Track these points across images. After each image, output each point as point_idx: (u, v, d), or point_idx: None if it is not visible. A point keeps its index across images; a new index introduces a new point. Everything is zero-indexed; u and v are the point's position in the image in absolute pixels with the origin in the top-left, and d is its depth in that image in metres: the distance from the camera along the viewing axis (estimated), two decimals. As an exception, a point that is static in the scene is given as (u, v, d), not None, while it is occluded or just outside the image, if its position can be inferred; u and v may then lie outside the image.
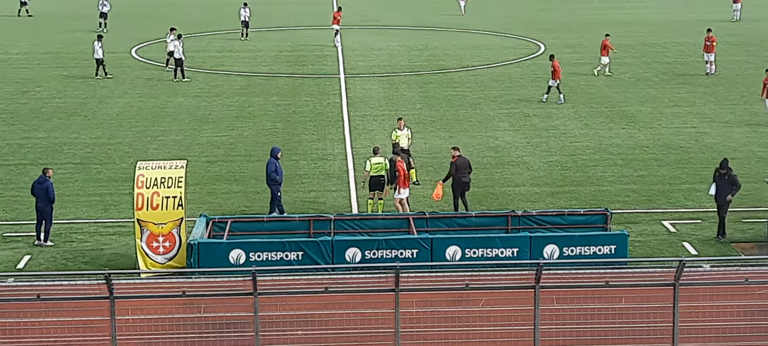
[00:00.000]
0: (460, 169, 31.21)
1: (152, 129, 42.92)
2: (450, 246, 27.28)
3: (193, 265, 26.53)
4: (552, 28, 72.61)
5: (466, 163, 31.39)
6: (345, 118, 44.86)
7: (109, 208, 32.39)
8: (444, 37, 69.19)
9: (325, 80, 53.68)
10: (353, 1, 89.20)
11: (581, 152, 38.74)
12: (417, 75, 54.00)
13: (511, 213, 29.44)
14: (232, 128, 42.97)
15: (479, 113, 45.47)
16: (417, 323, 22.09)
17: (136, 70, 56.99)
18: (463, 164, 31.28)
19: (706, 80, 52.53)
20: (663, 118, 44.45)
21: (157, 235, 26.75)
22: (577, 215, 29.20)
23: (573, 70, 56.00)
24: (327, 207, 32.35)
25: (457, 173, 31.18)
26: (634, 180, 35.29)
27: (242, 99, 48.83)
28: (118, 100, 48.67)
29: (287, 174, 36.04)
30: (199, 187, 34.44)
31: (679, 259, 21.13)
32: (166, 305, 22.75)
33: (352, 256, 27.02)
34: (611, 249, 27.32)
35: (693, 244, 28.93)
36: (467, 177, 31.28)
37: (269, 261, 26.89)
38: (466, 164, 31.35)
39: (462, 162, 31.32)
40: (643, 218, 31.40)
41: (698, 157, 38.17)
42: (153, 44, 66.01)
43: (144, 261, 26.78)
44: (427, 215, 29.36)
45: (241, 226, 28.89)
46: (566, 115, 44.92)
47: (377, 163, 31.48)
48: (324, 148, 39.73)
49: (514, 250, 27.34)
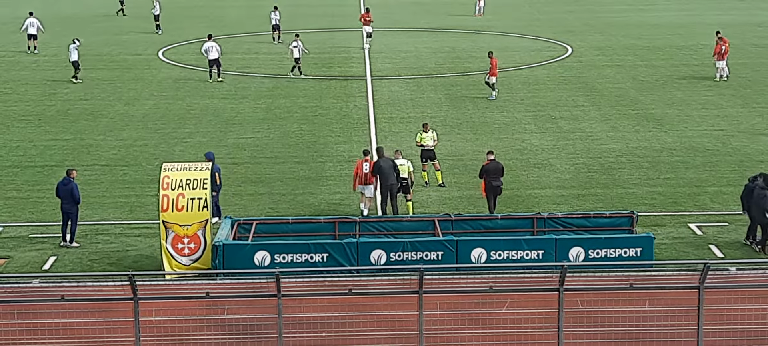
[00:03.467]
0: (491, 173, 31.15)
1: (178, 131, 43.09)
2: (475, 248, 27.25)
3: (217, 266, 26.61)
4: (579, 30, 72.42)
5: (498, 167, 31.27)
6: (371, 120, 44.89)
7: (134, 209, 32.53)
8: (471, 40, 69.11)
9: (352, 82, 53.73)
10: (380, 3, 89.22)
11: (607, 155, 38.62)
12: (444, 77, 53.97)
13: (536, 215, 29.39)
14: (258, 130, 43.08)
15: (506, 116, 45.40)
16: (441, 326, 22.08)
17: (163, 72, 57.21)
18: (494, 169, 31.20)
19: (734, 83, 52.23)
20: (690, 120, 44.24)
21: (182, 236, 26.84)
22: (602, 218, 29.12)
23: (600, 72, 55.83)
24: (352, 209, 32.36)
25: (487, 176, 31.14)
26: (661, 183, 35.14)
27: (269, 101, 48.94)
28: (144, 103, 48.88)
29: (312, 176, 36.19)
30: (224, 189, 34.41)
31: (704, 262, 21.02)
32: (190, 306, 22.84)
33: (377, 258, 27.03)
34: (637, 252, 27.22)
35: (719, 247, 28.78)
36: (498, 181, 31.18)
37: (294, 263, 26.94)
38: (498, 169, 31.24)
39: (493, 166, 31.24)
40: (669, 220, 31.27)
41: (725, 160, 37.97)
42: (180, 46, 66.26)
43: (169, 263, 26.87)
44: (453, 217, 29.33)
45: (266, 228, 28.95)
46: (593, 118, 44.79)
47: (401, 166, 31.49)
48: (350, 150, 39.76)
49: (540, 252, 27.27)
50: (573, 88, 51.62)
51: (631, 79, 54.06)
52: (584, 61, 59.82)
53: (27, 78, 55.42)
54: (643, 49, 63.95)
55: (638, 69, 56.84)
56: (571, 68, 57.43)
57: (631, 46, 65.23)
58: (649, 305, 22.35)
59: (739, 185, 34.04)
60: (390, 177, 30.89)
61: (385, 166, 30.99)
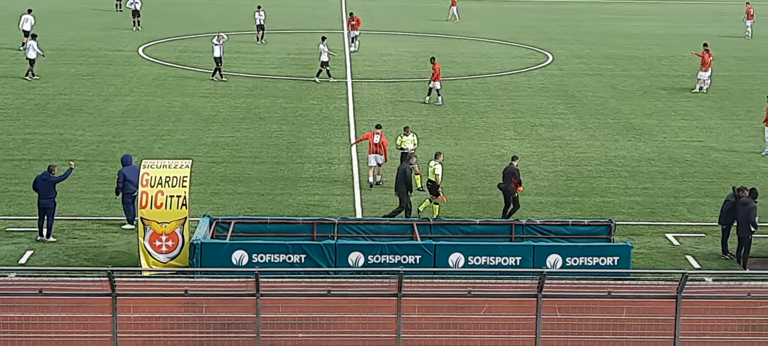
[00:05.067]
0: (505, 177, 31.50)
1: (158, 128, 43.02)
2: (453, 253, 27.32)
3: (195, 265, 26.58)
4: (560, 38, 72.67)
5: (510, 171, 31.56)
6: (351, 122, 44.93)
7: (112, 205, 32.43)
8: (452, 45, 69.24)
9: (333, 84, 53.73)
10: (361, 6, 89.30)
11: (586, 163, 38.77)
12: (424, 81, 53.98)
13: (515, 222, 29.50)
14: (237, 129, 43.05)
15: (485, 121, 45.52)
16: (418, 329, 22.14)
17: (144, 68, 57.08)
18: (507, 172, 31.59)
19: (714, 95, 52.52)
20: (669, 131, 44.48)
21: (160, 234, 26.79)
22: (580, 226, 29.25)
23: (580, 81, 56.05)
24: (331, 211, 32.40)
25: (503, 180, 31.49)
26: (639, 192, 35.32)
27: (249, 100, 48.92)
28: (124, 99, 48.77)
29: (291, 176, 36.19)
30: (203, 187, 34.51)
31: (681, 272, 21.16)
32: (168, 303, 22.83)
33: (355, 260, 27.07)
34: (614, 260, 27.34)
35: (696, 257, 28.95)
36: (503, 185, 31.55)
37: (272, 263, 26.94)
38: (509, 172, 31.50)
39: (507, 169, 31.66)
40: (646, 230, 31.44)
41: (703, 171, 38.18)
42: (161, 43, 66.13)
43: (146, 260, 26.82)
44: (431, 222, 29.39)
45: (244, 227, 28.94)
46: (572, 126, 44.96)
47: (431, 168, 31.87)
48: (329, 152, 39.80)
49: (518, 258, 27.37)
50: (553, 95, 51.81)
51: (611, 88, 54.29)
52: (565, 69, 60.04)
53: (6, 71, 55.19)
54: (623, 58, 64.25)
55: (618, 78, 57.11)
56: (552, 76, 57.63)
57: (612, 55, 65.52)
58: (626, 313, 22.47)
59: (716, 196, 34.36)
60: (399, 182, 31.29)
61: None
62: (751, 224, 28.02)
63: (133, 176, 29.81)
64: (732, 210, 28.71)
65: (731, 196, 29.11)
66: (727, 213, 28.90)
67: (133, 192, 29.90)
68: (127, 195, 30.17)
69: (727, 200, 29.16)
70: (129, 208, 30.30)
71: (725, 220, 28.98)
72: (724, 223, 29.01)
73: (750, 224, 28.00)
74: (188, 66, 57.96)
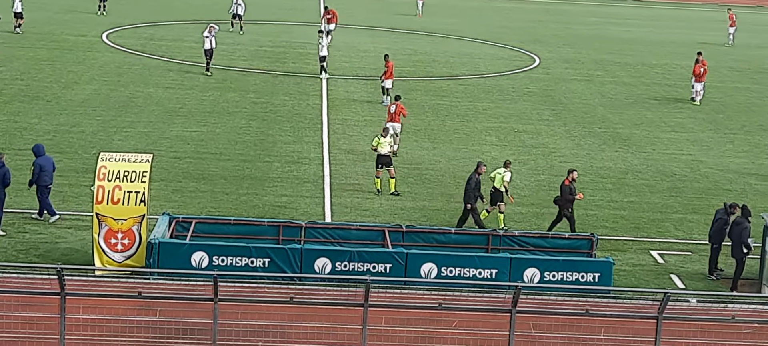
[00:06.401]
0: (562, 192, 31.58)
1: (119, 119, 42.86)
2: (426, 263, 27.30)
3: (152, 265, 26.47)
4: (548, 41, 72.83)
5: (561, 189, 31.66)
6: (324, 120, 44.89)
7: (67, 199, 32.30)
8: (434, 43, 69.30)
9: (306, 80, 53.69)
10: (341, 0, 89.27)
11: (570, 173, 38.78)
12: (403, 81, 54.03)
13: (492, 232, 29.51)
14: (203, 124, 42.94)
15: (466, 125, 45.56)
16: (385, 342, 22.08)
17: (107, 55, 56.88)
18: (564, 190, 31.56)
19: (707, 106, 52.72)
20: (658, 142, 44.62)
21: (116, 231, 26.68)
22: (561, 239, 29.29)
23: (567, 86, 56.16)
24: (299, 213, 32.35)
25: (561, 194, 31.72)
26: (624, 206, 35.41)
27: (217, 94, 48.80)
28: (84, 87, 48.58)
29: (258, 176, 36.13)
30: (164, 183, 34.39)
31: (664, 291, 21.20)
32: (121, 305, 22.68)
33: (322, 266, 27.01)
34: (595, 277, 27.37)
35: (681, 276, 29.04)
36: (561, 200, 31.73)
37: (233, 266, 26.87)
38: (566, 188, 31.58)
39: (563, 188, 31.58)
40: (630, 246, 31.51)
41: (692, 186, 38.32)
42: (126, 30, 65.91)
43: (100, 258, 26.71)
44: (404, 229, 29.37)
45: (205, 227, 28.85)
46: (557, 133, 45.05)
47: (496, 174, 32.03)
48: (300, 150, 39.74)
49: (493, 271, 27.38)
50: (538, 100, 51.91)
51: (599, 95, 54.44)
52: (552, 73, 60.18)
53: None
54: (613, 64, 64.45)
55: (607, 85, 57.27)
56: (538, 80, 57.75)
57: (602, 60, 65.70)
58: (604, 333, 22.49)
59: (705, 213, 34.47)
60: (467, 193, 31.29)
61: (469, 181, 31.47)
62: (743, 245, 28.15)
63: (48, 166, 30.03)
64: (723, 228, 28.81)
65: (722, 212, 29.21)
66: (719, 231, 29.00)
67: (48, 183, 29.93)
68: (43, 187, 30.05)
69: (718, 218, 29.25)
70: (45, 199, 30.19)
71: (717, 238, 29.07)
72: (715, 241, 29.10)
73: (743, 245, 28.12)
74: (154, 55, 57.80)
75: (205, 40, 52.84)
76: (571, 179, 31.55)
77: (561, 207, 31.49)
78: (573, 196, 31.35)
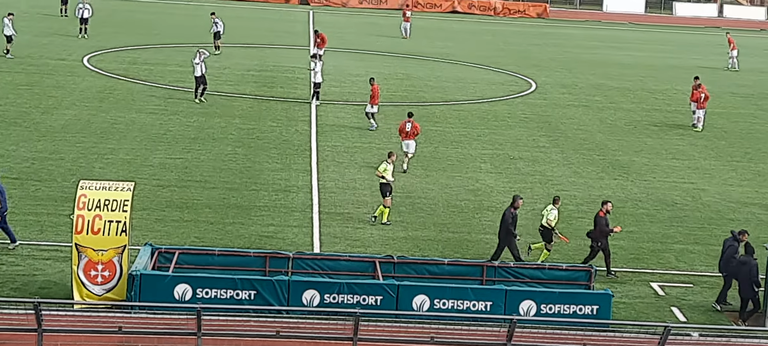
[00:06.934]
0: (596, 224, 31.56)
1: (100, 146, 42.81)
2: (418, 295, 27.26)
3: (133, 298, 26.38)
4: (545, 65, 72.98)
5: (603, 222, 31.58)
6: (313, 147, 44.88)
7: (45, 229, 32.23)
8: (428, 67, 69.40)
9: (294, 105, 53.71)
10: (331, 22, 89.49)
11: (568, 202, 38.82)
12: (395, 106, 54.11)
13: (487, 263, 29.48)
14: (188, 150, 42.90)
15: (460, 152, 45.58)
16: (375, 378, 22.05)
17: (88, 80, 56.86)
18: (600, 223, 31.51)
19: (709, 133, 52.82)
20: (659, 170, 44.67)
21: (96, 262, 26.59)
22: (558, 270, 29.27)
23: (565, 112, 56.24)
24: (286, 243, 32.30)
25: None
26: (623, 236, 35.36)
27: (201, 119, 48.78)
28: (64, 112, 48.53)
29: (245, 205, 36.08)
30: (146, 212, 34.32)
31: (664, 324, 21.18)
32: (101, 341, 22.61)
33: (310, 299, 26.95)
34: (593, 309, 27.35)
35: (682, 309, 29.02)
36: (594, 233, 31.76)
37: (218, 299, 26.79)
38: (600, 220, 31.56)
39: (599, 220, 31.53)
40: (629, 277, 31.49)
41: (694, 216, 38.33)
42: (108, 53, 65.92)
43: (79, 291, 26.60)
44: (395, 259, 29.33)
45: (189, 258, 28.79)
46: (554, 161, 45.08)
47: (546, 212, 32.22)
48: (287, 178, 39.71)
49: (488, 303, 27.33)
50: (535, 127, 51.98)
51: (598, 121, 54.52)
52: (549, 98, 60.28)
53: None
54: (612, 89, 64.57)
55: (606, 111, 57.36)
56: (534, 105, 57.83)
57: (600, 85, 65.83)
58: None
59: (706, 244, 34.53)
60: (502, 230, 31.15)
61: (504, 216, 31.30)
62: (754, 284, 28.18)
63: (2, 191, 30.15)
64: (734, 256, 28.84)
65: (731, 240, 29.30)
66: (730, 260, 29.02)
67: (3, 211, 29.96)
68: (2, 213, 30.11)
69: (729, 245, 29.30)
70: (6, 226, 30.22)
71: (727, 267, 29.09)
72: (727, 271, 29.13)
73: (753, 283, 28.16)
74: (137, 79, 57.80)
75: (195, 67, 52.60)
76: (606, 210, 31.52)
77: (594, 240, 31.39)
78: (609, 228, 31.30)
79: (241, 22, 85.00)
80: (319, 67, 54.34)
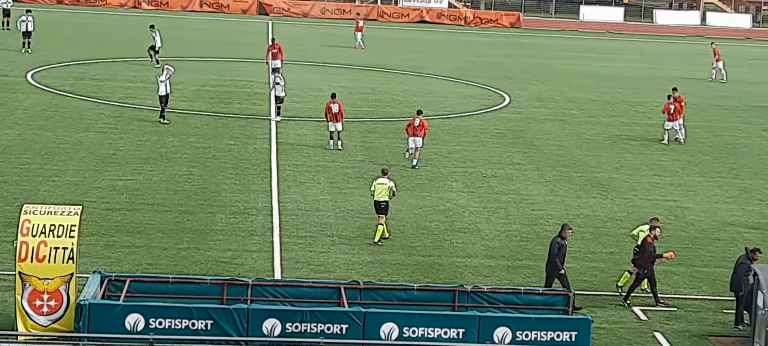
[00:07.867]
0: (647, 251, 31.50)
1: (45, 167, 42.63)
2: (386, 323, 27.17)
3: (81, 329, 26.21)
4: (519, 78, 73.30)
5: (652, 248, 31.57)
6: (273, 166, 44.85)
7: (-13, 257, 32.08)
8: (394, 80, 69.55)
9: (253, 122, 53.68)
10: (292, 33, 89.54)
11: (544, 222, 38.94)
12: (360, 122, 54.17)
13: (459, 288, 29.44)
14: (139, 172, 42.78)
15: (429, 171, 45.65)
16: (340, 411, 22.00)
17: (32, 97, 56.65)
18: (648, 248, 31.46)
19: (692, 147, 53.12)
20: (640, 188, 44.87)
21: (41, 292, 26.43)
22: (534, 295, 29.26)
23: (540, 127, 56.46)
24: (245, 269, 32.22)
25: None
26: (603, 258, 35.51)
27: (154, 138, 48.66)
28: (7, 132, 48.31)
29: (200, 228, 36.00)
30: (95, 238, 34.18)
31: (647, 351, 21.25)
32: (46, 375, 22.48)
33: (271, 328, 26.87)
34: (572, 336, 27.34)
35: (666, 335, 29.11)
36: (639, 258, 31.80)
37: (172, 329, 26.64)
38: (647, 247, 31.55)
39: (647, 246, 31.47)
40: (610, 301, 31.57)
41: (677, 235, 38.51)
42: (54, 69, 65.72)
43: (24, 322, 26.43)
44: (362, 285, 29.28)
45: (141, 286, 28.63)
46: (529, 179, 45.21)
47: (640, 232, 32.26)
48: (246, 200, 39.65)
49: (460, 331, 27.29)
50: (509, 143, 52.13)
51: (575, 136, 54.75)
52: (523, 112, 60.51)
53: None
54: (590, 103, 64.90)
55: (584, 125, 57.63)
56: (508, 120, 58.03)
57: (577, 99, 66.14)
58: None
59: (691, 266, 34.71)
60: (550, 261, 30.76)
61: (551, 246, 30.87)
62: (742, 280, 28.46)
63: None
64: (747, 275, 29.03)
65: (744, 258, 29.53)
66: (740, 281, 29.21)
67: None
68: None
69: (741, 263, 29.49)
70: None
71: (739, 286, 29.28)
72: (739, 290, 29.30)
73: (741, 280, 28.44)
74: (85, 96, 57.64)
75: (160, 85, 52.19)
76: (654, 236, 31.52)
77: (640, 267, 31.43)
78: (657, 255, 31.35)
79: (197, 34, 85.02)
80: (282, 81, 54.38)
